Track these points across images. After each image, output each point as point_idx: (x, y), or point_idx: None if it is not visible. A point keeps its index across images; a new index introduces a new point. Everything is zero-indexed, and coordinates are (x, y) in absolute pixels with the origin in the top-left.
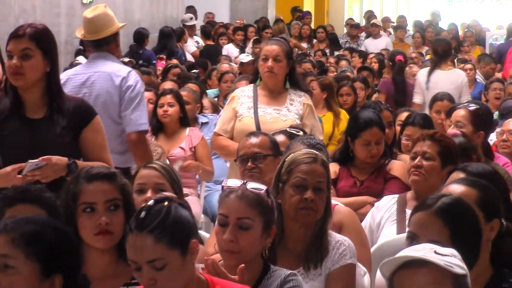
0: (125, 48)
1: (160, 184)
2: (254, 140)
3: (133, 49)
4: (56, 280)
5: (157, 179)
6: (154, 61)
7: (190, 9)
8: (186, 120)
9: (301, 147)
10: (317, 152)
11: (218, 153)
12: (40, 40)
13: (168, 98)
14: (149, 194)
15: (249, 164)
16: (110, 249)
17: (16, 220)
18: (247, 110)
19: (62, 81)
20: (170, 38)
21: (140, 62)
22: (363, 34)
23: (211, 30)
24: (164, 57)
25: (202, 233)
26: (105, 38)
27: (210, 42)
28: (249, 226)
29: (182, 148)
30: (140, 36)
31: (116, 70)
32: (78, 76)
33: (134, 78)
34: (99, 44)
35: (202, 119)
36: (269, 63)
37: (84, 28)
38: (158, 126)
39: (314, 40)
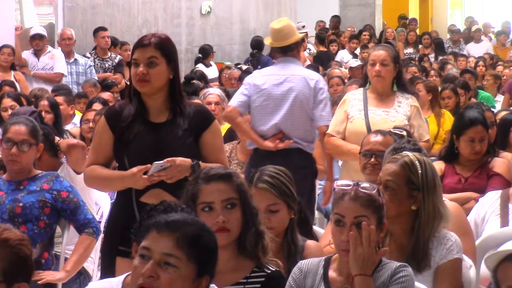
0: (242, 54)
1: (272, 205)
2: (379, 138)
3: (255, 55)
4: (204, 281)
5: (268, 200)
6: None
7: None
8: None
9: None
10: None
11: (331, 152)
12: (164, 48)
13: None
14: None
15: (372, 159)
16: (229, 245)
17: (178, 220)
18: (357, 112)
19: (259, 78)
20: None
21: (259, 67)
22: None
23: (325, 36)
24: None
25: (316, 228)
26: (289, 45)
27: (323, 48)
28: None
29: None
30: (259, 43)
31: (309, 74)
32: (275, 76)
33: (322, 82)
34: (285, 50)
35: None
36: (377, 67)
37: (272, 37)
38: None
39: (420, 46)
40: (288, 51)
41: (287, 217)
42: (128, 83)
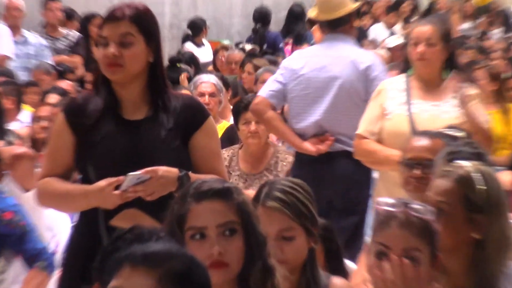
0: (244, 30)
1: (286, 230)
2: (426, 142)
3: (259, 31)
4: None
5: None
6: (280, 45)
7: None
8: None
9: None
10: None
11: (363, 160)
12: (142, 23)
13: None
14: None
15: (417, 171)
16: (227, 284)
17: (159, 252)
18: (398, 106)
19: (297, 60)
20: (300, 19)
21: (265, 47)
22: None
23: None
24: (291, 41)
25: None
26: (340, 18)
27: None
28: (416, 259)
29: None
30: (264, 16)
31: (359, 57)
32: (316, 59)
33: (379, 66)
34: (335, 24)
35: None
36: (420, 48)
37: (318, 7)
38: None
39: (480, 19)
40: (337, 25)
41: (305, 246)
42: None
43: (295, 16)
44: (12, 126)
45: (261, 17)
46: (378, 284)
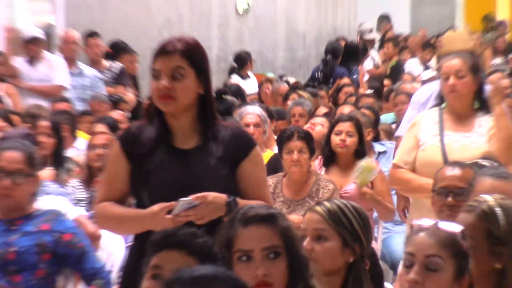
0: (287, 63)
1: (319, 230)
2: (457, 171)
3: (329, 63)
4: None
5: (316, 224)
6: (355, 76)
7: (385, 18)
8: (362, 152)
9: (487, 182)
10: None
11: (398, 188)
12: (192, 57)
13: (348, 126)
14: (306, 242)
15: (450, 199)
16: None
17: (205, 276)
18: (431, 137)
19: (425, 94)
20: (353, 56)
21: (331, 80)
22: None
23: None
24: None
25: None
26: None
27: (395, 57)
28: (438, 267)
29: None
30: (336, 50)
31: None
32: None
33: None
34: None
35: (378, 147)
36: (451, 81)
37: (451, 40)
38: (330, 157)
39: (511, 55)
40: None
41: (339, 254)
42: (141, 99)
43: (350, 53)
44: (69, 153)
45: (333, 49)
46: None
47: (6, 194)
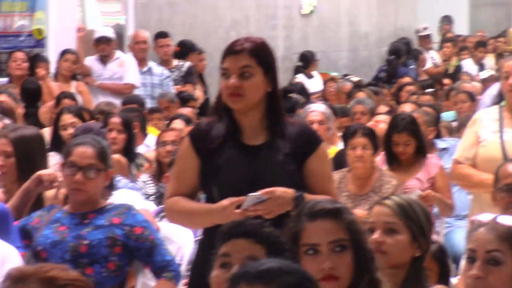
0: (350, 63)
1: (390, 223)
2: None
3: (392, 63)
4: None
5: (387, 217)
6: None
7: (446, 19)
8: (423, 149)
9: None
10: None
11: (459, 183)
12: (260, 56)
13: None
14: (376, 235)
15: None
16: None
17: (272, 269)
18: (491, 134)
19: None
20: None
21: (393, 81)
22: None
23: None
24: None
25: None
26: None
27: (454, 57)
28: (499, 261)
29: (418, 179)
30: (399, 50)
31: None
32: None
33: None
34: None
35: (440, 144)
36: (511, 80)
37: None
38: (392, 154)
39: None
40: None
41: (408, 247)
42: (207, 96)
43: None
44: (139, 149)
45: (396, 50)
46: (466, 283)
47: (78, 189)
